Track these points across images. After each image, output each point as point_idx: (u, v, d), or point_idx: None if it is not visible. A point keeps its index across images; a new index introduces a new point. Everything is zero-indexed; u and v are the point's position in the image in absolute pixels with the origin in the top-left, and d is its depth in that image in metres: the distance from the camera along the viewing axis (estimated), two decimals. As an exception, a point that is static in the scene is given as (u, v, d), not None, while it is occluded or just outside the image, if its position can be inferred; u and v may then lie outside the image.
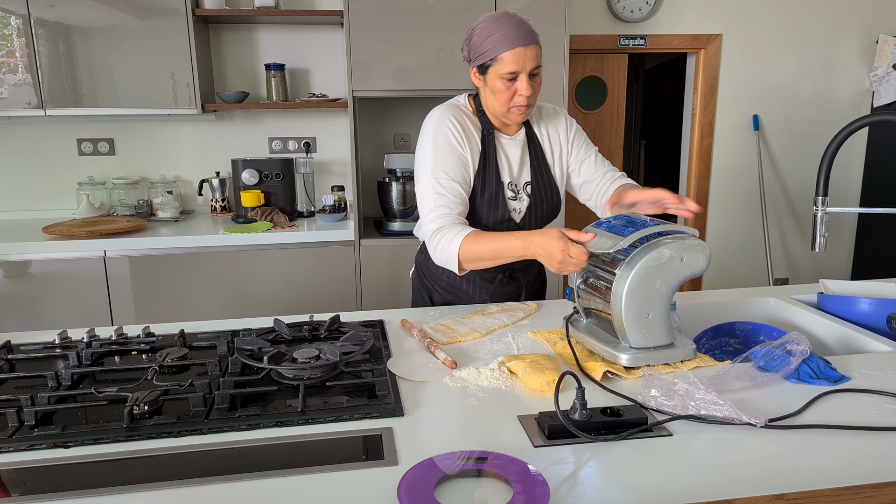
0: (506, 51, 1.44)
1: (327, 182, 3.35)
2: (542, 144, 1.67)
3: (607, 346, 1.25)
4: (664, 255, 1.19)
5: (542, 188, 1.64)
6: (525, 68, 1.46)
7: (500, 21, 1.46)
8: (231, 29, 3.17)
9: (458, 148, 1.55)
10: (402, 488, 0.84)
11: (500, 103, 1.52)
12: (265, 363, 1.17)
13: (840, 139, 1.35)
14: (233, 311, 2.77)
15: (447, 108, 1.59)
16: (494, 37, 1.45)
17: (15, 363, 1.31)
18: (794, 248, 3.98)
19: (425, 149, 1.57)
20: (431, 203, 1.53)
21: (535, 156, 1.65)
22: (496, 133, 1.62)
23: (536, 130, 1.67)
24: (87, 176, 3.17)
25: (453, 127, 1.55)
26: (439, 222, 1.51)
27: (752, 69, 3.69)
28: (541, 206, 1.64)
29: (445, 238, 1.49)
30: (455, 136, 1.55)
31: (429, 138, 1.57)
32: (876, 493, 0.84)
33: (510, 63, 1.45)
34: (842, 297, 1.54)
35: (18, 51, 2.70)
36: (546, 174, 1.66)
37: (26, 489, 0.87)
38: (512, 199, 1.62)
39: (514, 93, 1.49)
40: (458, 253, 1.46)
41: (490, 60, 1.48)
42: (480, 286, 1.69)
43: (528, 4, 2.73)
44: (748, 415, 1.01)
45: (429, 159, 1.55)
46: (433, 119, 1.58)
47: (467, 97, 1.65)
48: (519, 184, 1.63)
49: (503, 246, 1.43)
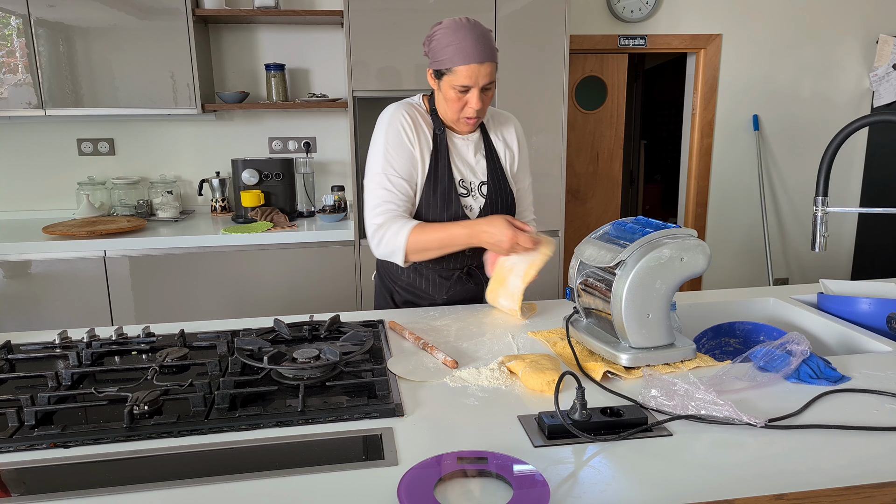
0: (461, 65, 1.48)
1: (327, 182, 3.35)
2: (496, 146, 1.70)
3: (607, 346, 1.25)
4: (664, 255, 1.19)
5: (497, 188, 1.67)
6: (477, 84, 1.50)
7: (460, 32, 1.48)
8: (231, 29, 3.17)
9: (409, 145, 1.59)
10: (402, 488, 0.84)
11: (451, 111, 1.57)
12: (265, 363, 1.17)
13: (840, 139, 1.35)
14: (233, 311, 2.77)
15: (401, 105, 1.64)
16: (452, 48, 1.48)
17: (15, 363, 1.31)
18: (794, 248, 3.98)
19: (377, 145, 1.61)
20: (378, 199, 1.58)
21: (491, 157, 1.68)
22: (449, 132, 1.65)
23: (491, 133, 1.70)
24: (87, 176, 3.17)
25: (406, 123, 1.59)
26: (383, 217, 1.56)
27: (751, 69, 3.69)
28: (496, 206, 1.66)
29: (392, 230, 1.54)
30: (406, 132, 1.59)
31: (381, 135, 1.60)
32: (876, 493, 0.84)
33: (463, 77, 1.49)
34: (842, 297, 1.54)
35: (18, 51, 2.70)
36: (501, 175, 1.68)
37: (26, 489, 0.87)
38: (465, 196, 1.64)
39: (465, 104, 1.54)
40: (406, 244, 1.52)
41: (445, 69, 1.51)
42: (439, 284, 1.70)
43: (528, 4, 2.73)
44: (748, 415, 1.01)
45: (380, 156, 1.59)
46: (386, 116, 1.62)
47: (422, 97, 1.68)
48: (473, 182, 1.65)
49: (449, 234, 1.52)
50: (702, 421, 1.02)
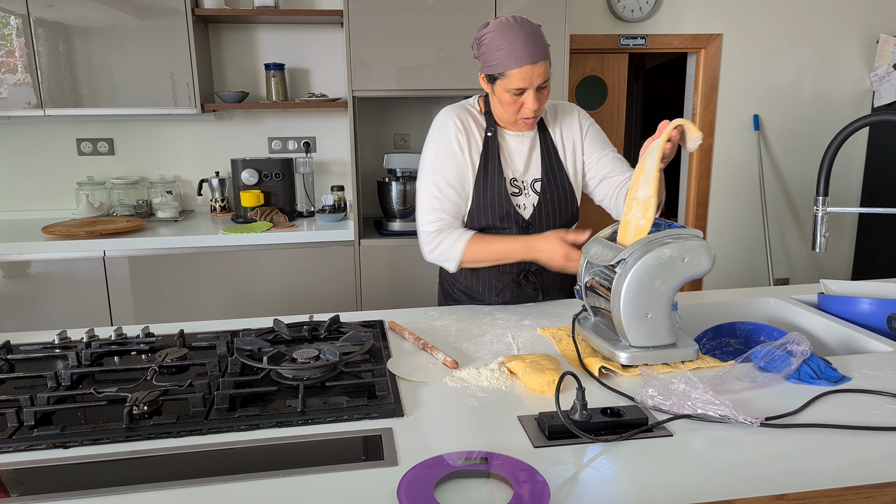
0: (513, 68, 1.46)
1: (327, 182, 3.35)
2: (555, 142, 1.67)
3: (608, 344, 1.25)
4: (664, 254, 1.19)
5: (552, 185, 1.64)
6: (532, 84, 1.48)
7: (509, 34, 1.46)
8: (231, 29, 3.16)
9: (458, 153, 1.59)
10: (402, 488, 0.83)
11: (507, 114, 1.56)
12: (265, 363, 1.17)
13: (840, 139, 1.35)
14: (232, 311, 2.77)
15: (453, 109, 1.63)
16: (503, 52, 1.46)
17: (14, 363, 1.31)
18: (795, 248, 3.98)
19: (428, 150, 1.62)
20: (428, 206, 1.60)
21: (547, 153, 1.65)
22: (502, 130, 1.63)
23: (550, 128, 1.67)
24: (86, 176, 3.17)
25: (456, 129, 1.59)
26: (437, 225, 1.59)
27: (752, 69, 3.69)
28: (551, 203, 1.64)
29: (448, 240, 1.56)
30: (457, 139, 1.59)
31: (432, 141, 1.62)
32: (876, 493, 0.84)
33: (517, 80, 1.47)
34: (842, 297, 1.53)
35: (18, 51, 2.70)
36: (558, 171, 1.65)
37: (26, 489, 0.86)
38: (516, 195, 1.62)
39: (521, 105, 1.52)
40: (461, 255, 1.55)
41: (498, 74, 1.49)
42: (494, 287, 1.69)
43: (528, 4, 2.73)
44: (745, 414, 1.01)
45: (430, 162, 1.60)
46: (438, 121, 1.62)
47: (477, 98, 1.67)
48: (525, 180, 1.64)
49: (505, 248, 1.55)
50: (702, 421, 1.02)
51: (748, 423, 0.99)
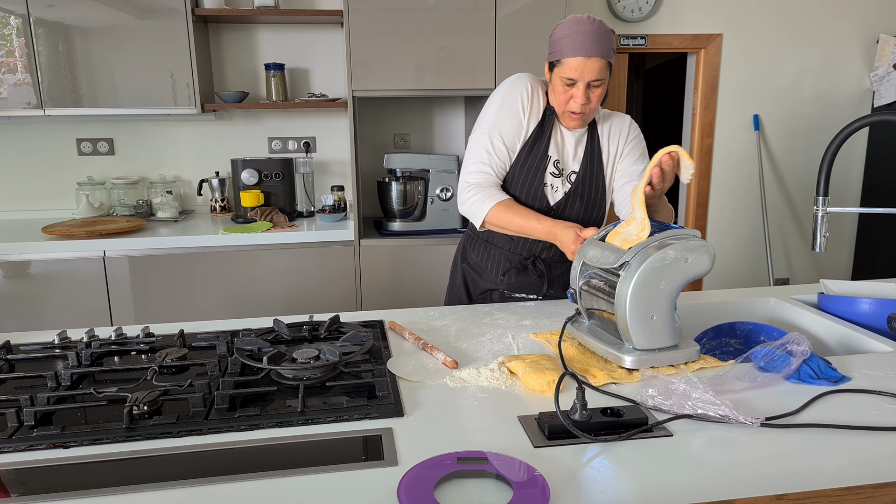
0: (569, 56, 1.50)
1: (327, 182, 3.35)
2: (601, 143, 1.70)
3: (610, 348, 1.24)
4: (668, 255, 1.18)
5: (586, 182, 1.67)
6: (583, 77, 1.51)
7: (577, 26, 1.50)
8: (231, 29, 3.16)
9: (520, 114, 1.64)
10: (402, 488, 0.83)
11: (557, 103, 1.60)
12: (265, 363, 1.17)
13: (840, 139, 1.35)
14: (232, 311, 2.77)
15: (527, 75, 1.68)
16: (565, 40, 1.51)
17: (14, 363, 1.31)
18: (795, 248, 3.98)
19: (493, 104, 1.66)
20: (477, 158, 1.65)
21: (591, 151, 1.68)
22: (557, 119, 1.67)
23: (599, 130, 1.71)
24: (86, 176, 3.17)
25: (525, 93, 1.63)
26: (479, 178, 1.64)
27: (752, 69, 3.69)
28: (580, 197, 1.67)
29: (481, 195, 1.62)
30: (523, 101, 1.63)
31: (499, 96, 1.66)
32: (876, 493, 0.84)
33: (569, 69, 1.51)
34: (842, 297, 1.53)
35: (18, 50, 2.70)
36: (597, 171, 1.69)
37: (26, 489, 0.86)
38: (556, 176, 1.66)
39: (570, 97, 1.56)
40: (486, 215, 1.61)
41: (556, 61, 1.54)
42: (502, 266, 1.75)
43: (528, 4, 2.73)
44: (745, 414, 1.01)
45: (492, 116, 1.65)
46: (510, 80, 1.67)
47: None
48: (566, 168, 1.67)
49: (529, 224, 1.58)
50: (702, 421, 1.02)
51: (748, 424, 0.99)
